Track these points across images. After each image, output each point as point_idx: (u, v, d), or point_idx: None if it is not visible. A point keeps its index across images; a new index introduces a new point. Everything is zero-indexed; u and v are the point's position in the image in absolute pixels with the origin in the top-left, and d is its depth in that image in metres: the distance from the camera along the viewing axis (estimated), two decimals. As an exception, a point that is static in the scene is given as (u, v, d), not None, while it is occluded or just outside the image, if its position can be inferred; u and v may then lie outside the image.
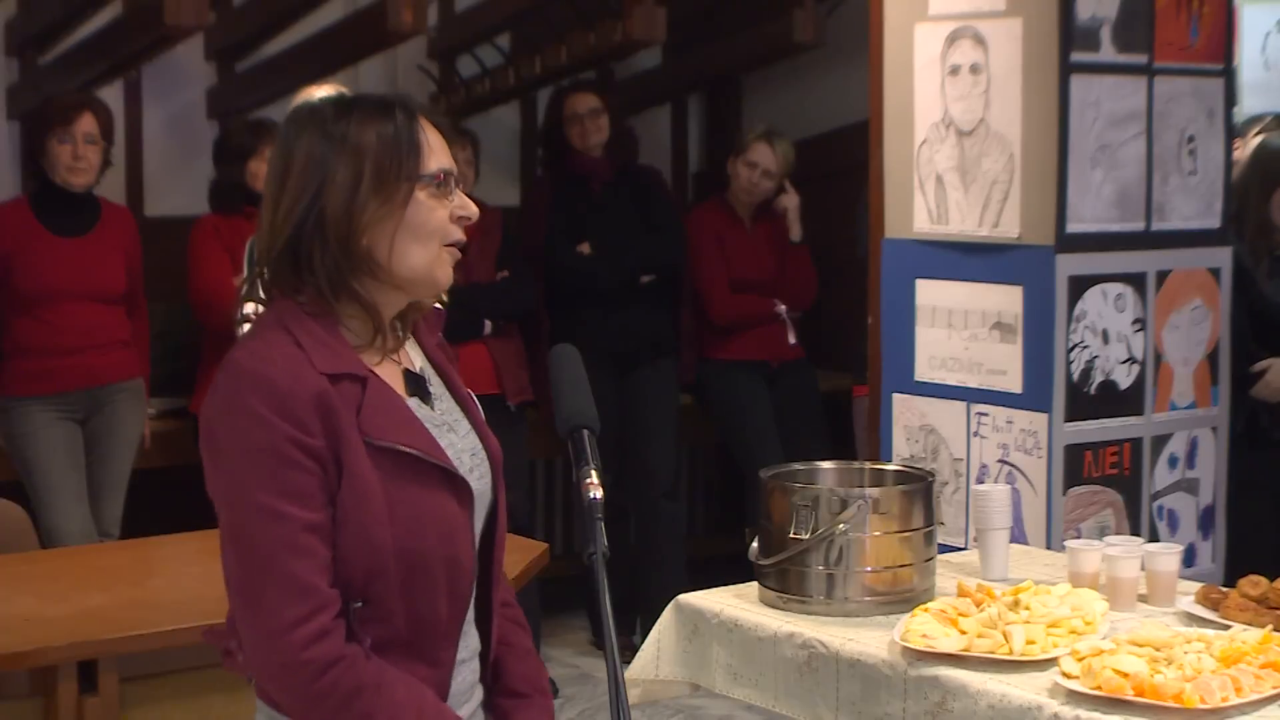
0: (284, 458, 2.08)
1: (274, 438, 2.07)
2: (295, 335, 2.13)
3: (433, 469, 2.17)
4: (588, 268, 5.92)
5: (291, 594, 2.07)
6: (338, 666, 2.09)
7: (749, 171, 6.21)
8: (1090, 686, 2.57)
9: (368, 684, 2.10)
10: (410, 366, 2.27)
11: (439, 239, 2.19)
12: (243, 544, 2.12)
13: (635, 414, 5.98)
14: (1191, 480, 4.28)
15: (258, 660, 2.13)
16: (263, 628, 2.10)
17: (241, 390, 2.10)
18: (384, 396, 2.17)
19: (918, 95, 4.24)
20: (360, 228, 2.14)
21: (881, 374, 4.39)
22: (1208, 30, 4.21)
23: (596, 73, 7.14)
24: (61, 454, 5.24)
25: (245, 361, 2.12)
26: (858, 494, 3.09)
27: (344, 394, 2.12)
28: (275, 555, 2.08)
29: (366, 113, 2.17)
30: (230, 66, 6.77)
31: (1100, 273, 4.06)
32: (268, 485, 2.08)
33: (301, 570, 2.08)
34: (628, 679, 3.04)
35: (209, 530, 4.13)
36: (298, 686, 2.10)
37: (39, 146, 5.27)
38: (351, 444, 2.11)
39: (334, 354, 2.14)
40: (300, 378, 2.09)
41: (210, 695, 3.24)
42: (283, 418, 2.07)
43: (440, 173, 2.19)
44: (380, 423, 2.14)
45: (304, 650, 2.07)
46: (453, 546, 2.18)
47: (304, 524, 2.08)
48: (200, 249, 5.53)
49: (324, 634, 2.08)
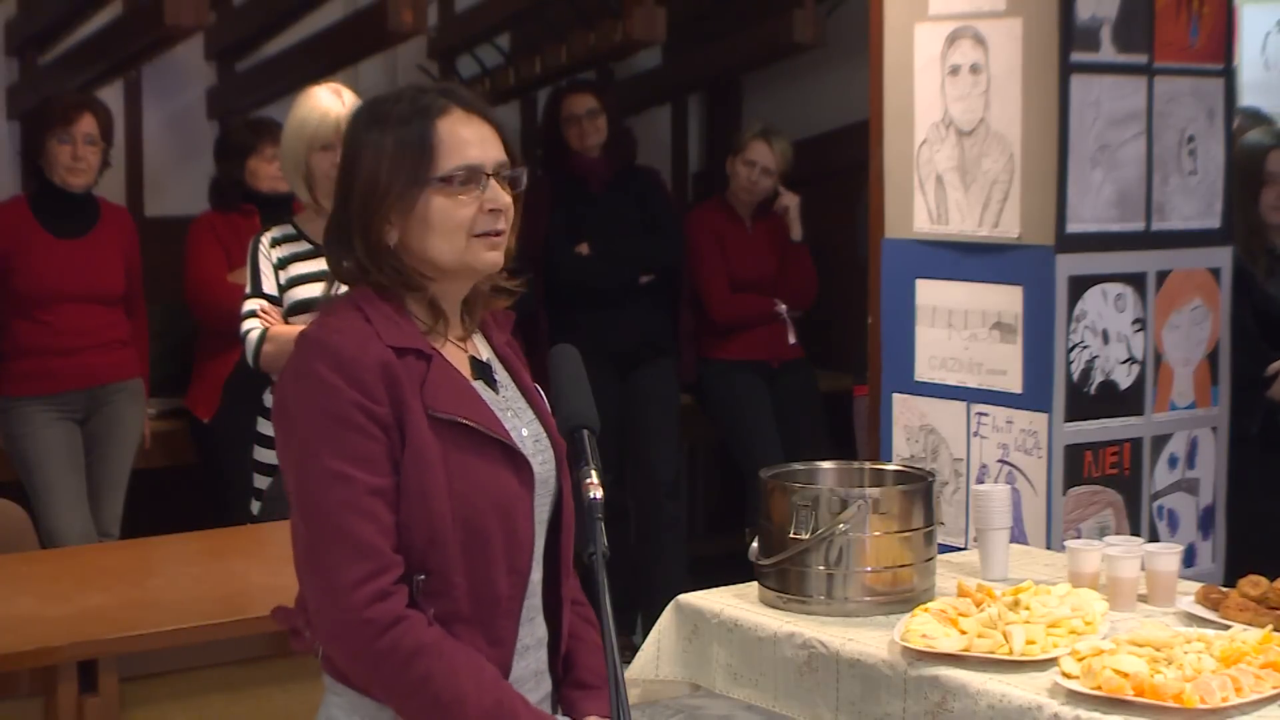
0: (350, 423, 2.15)
1: (340, 403, 2.16)
2: (365, 312, 2.23)
3: (493, 443, 2.23)
4: (586, 268, 5.92)
5: (355, 554, 2.14)
6: (399, 626, 2.15)
7: (747, 170, 6.21)
8: (1090, 686, 2.57)
9: (428, 645, 2.15)
10: (477, 355, 2.35)
11: (464, 232, 2.25)
12: (308, 506, 2.19)
13: (635, 414, 5.98)
14: (1191, 480, 4.28)
15: (321, 620, 2.20)
16: (326, 587, 2.17)
17: (310, 358, 2.20)
18: (447, 373, 2.25)
19: (918, 95, 4.24)
20: (383, 225, 2.24)
21: (881, 374, 4.39)
22: (1208, 30, 4.21)
23: (596, 73, 7.14)
24: (61, 454, 5.24)
25: (315, 332, 2.23)
26: (858, 494, 3.09)
27: (408, 367, 2.20)
28: (340, 517, 2.15)
29: (395, 116, 2.26)
30: (230, 66, 6.77)
31: (1100, 273, 4.06)
32: (334, 449, 2.16)
33: (365, 532, 2.15)
34: (628, 679, 3.03)
35: (209, 530, 4.16)
36: (359, 645, 2.16)
37: (38, 147, 5.26)
38: (414, 414, 2.18)
39: (400, 330, 2.23)
40: (366, 348, 2.18)
41: (210, 695, 3.23)
42: (349, 384, 2.16)
43: (460, 171, 2.24)
44: (443, 396, 2.21)
45: (365, 609, 2.14)
46: (511, 521, 2.23)
47: (368, 487, 2.15)
48: (196, 245, 5.57)
49: (386, 595, 2.15)
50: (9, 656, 3.02)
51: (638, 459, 6.02)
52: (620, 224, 5.98)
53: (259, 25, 6.59)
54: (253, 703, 3.27)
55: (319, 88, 4.06)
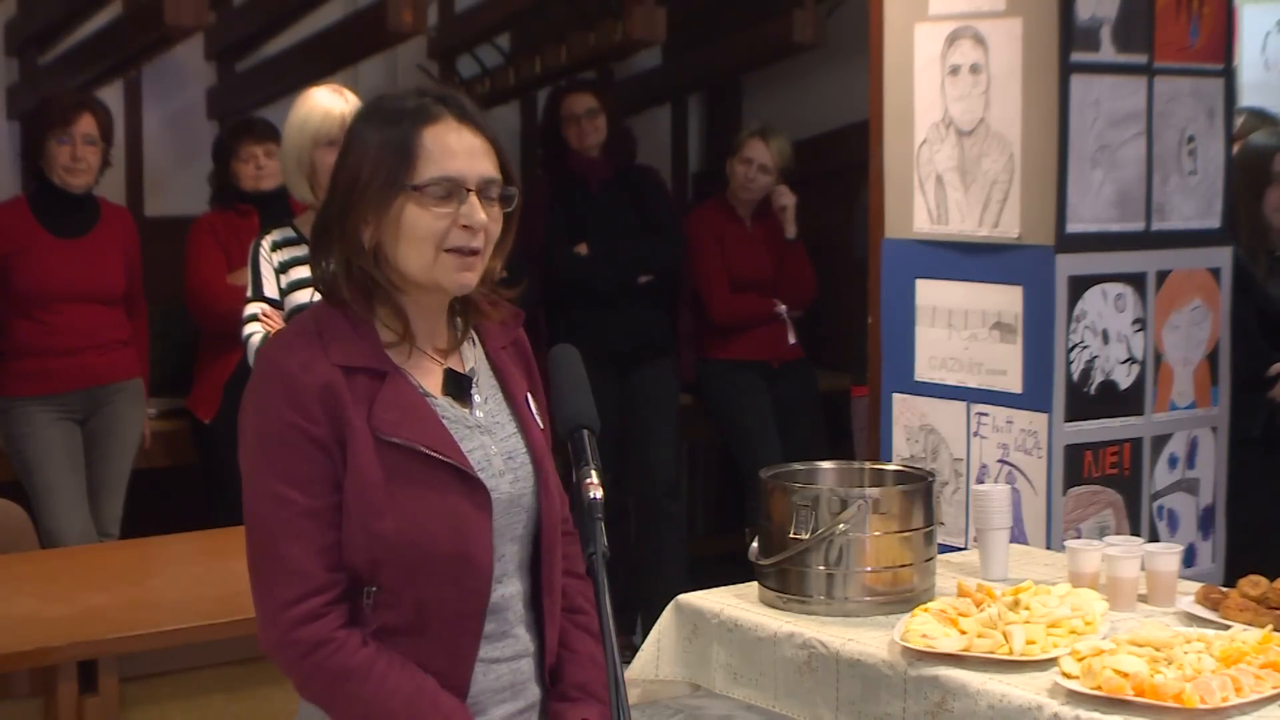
0: (288, 443, 2.15)
1: (279, 424, 2.15)
2: (320, 328, 2.21)
3: (443, 466, 2.20)
4: (585, 268, 5.92)
5: (285, 576, 2.16)
6: (324, 649, 2.15)
7: (745, 168, 6.21)
8: (1090, 686, 2.57)
9: (355, 668, 2.15)
10: (458, 367, 2.29)
11: (433, 244, 2.19)
12: (251, 525, 2.20)
13: (635, 414, 5.98)
14: (1191, 480, 4.28)
15: (261, 636, 2.21)
16: (261, 605, 2.19)
17: (259, 376, 2.21)
18: (401, 392, 2.21)
19: (918, 95, 4.24)
20: (359, 222, 2.21)
21: (881, 374, 4.39)
22: (1208, 30, 4.21)
23: (596, 73, 7.14)
24: (61, 454, 5.24)
25: (267, 351, 2.24)
26: (858, 494, 3.09)
27: (357, 387, 2.18)
28: (275, 537, 2.16)
29: (382, 117, 2.23)
30: (230, 66, 6.77)
31: (1100, 273, 4.06)
32: (273, 469, 2.16)
33: (297, 553, 2.15)
34: (628, 679, 3.03)
35: (209, 530, 4.16)
36: (287, 663, 2.18)
37: (38, 147, 5.27)
38: (359, 434, 2.16)
39: (353, 348, 2.20)
40: (310, 368, 2.16)
41: (210, 695, 3.24)
42: (290, 405, 2.15)
43: (437, 181, 2.19)
44: (391, 418, 2.18)
45: (292, 630, 2.15)
46: (463, 544, 2.20)
47: (303, 509, 2.15)
48: (195, 247, 5.59)
49: (314, 616, 2.15)
50: (9, 656, 3.03)
51: (637, 459, 6.02)
52: (620, 224, 5.98)
53: (259, 25, 6.59)
54: (253, 703, 3.27)
55: (318, 88, 4.06)
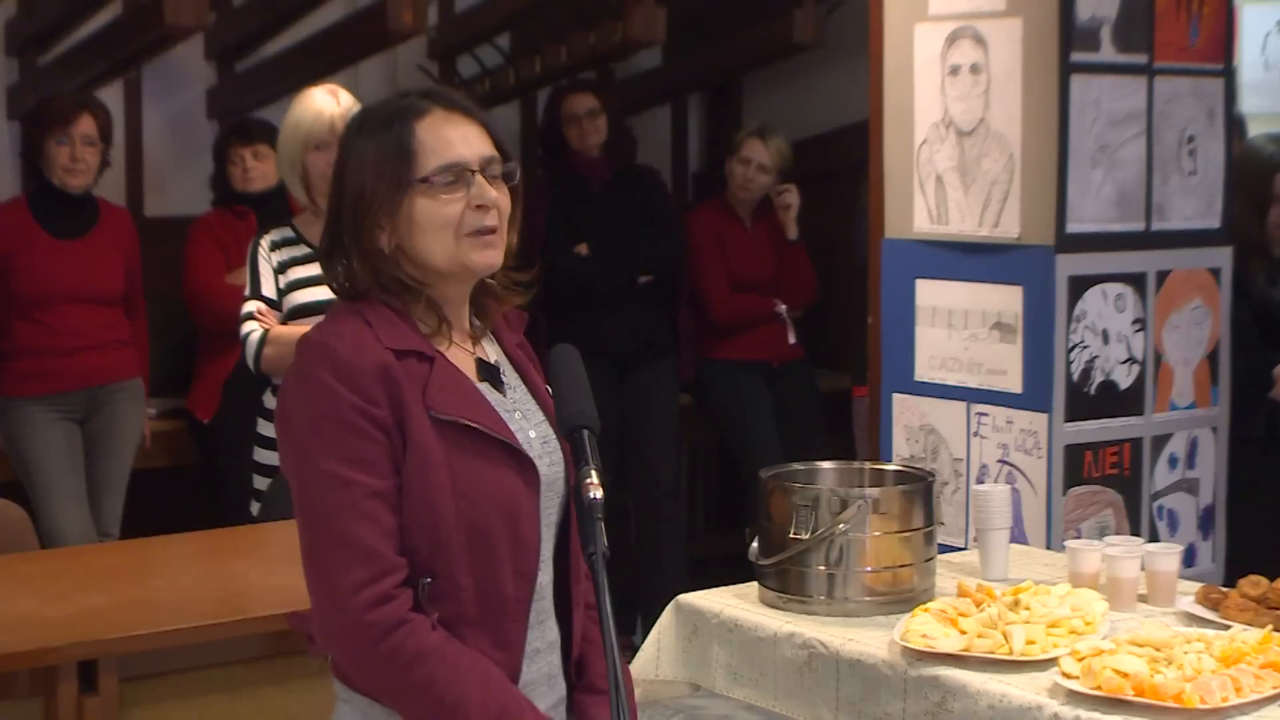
0: (349, 425, 2.15)
1: (339, 406, 2.15)
2: (365, 316, 2.23)
3: (497, 444, 2.22)
4: (585, 268, 5.92)
5: (356, 557, 2.14)
6: (401, 630, 2.14)
7: (743, 168, 6.21)
8: (1090, 686, 2.57)
9: (431, 649, 2.14)
10: (484, 357, 2.34)
11: (451, 231, 2.23)
12: (310, 511, 2.18)
13: (635, 414, 5.98)
14: (1191, 480, 4.28)
15: (323, 624, 2.19)
16: (327, 591, 2.16)
17: (309, 362, 2.20)
18: (450, 375, 2.24)
19: (918, 95, 4.24)
20: (374, 231, 2.23)
21: (881, 374, 4.39)
22: (1208, 30, 4.21)
23: (596, 73, 7.14)
24: (61, 454, 5.24)
25: (315, 336, 2.23)
26: (858, 494, 3.09)
27: (410, 369, 2.20)
28: (340, 520, 2.14)
29: (373, 124, 2.26)
30: (230, 66, 6.78)
31: (1100, 273, 4.06)
32: (334, 452, 2.15)
33: (366, 535, 2.14)
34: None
35: (209, 530, 4.16)
36: (360, 649, 2.15)
37: (37, 147, 5.27)
38: (415, 416, 2.17)
39: (401, 333, 2.22)
40: (365, 350, 2.18)
41: (210, 695, 3.23)
42: (348, 387, 2.15)
43: (442, 169, 2.23)
44: (445, 398, 2.21)
45: (367, 612, 2.13)
46: (516, 523, 2.22)
47: (369, 490, 2.15)
48: (194, 247, 5.61)
49: (388, 598, 2.14)
50: (9, 656, 3.02)
51: (637, 459, 6.02)
52: (620, 224, 5.98)
53: (259, 25, 6.59)
54: (253, 703, 3.27)
55: (314, 89, 4.06)
